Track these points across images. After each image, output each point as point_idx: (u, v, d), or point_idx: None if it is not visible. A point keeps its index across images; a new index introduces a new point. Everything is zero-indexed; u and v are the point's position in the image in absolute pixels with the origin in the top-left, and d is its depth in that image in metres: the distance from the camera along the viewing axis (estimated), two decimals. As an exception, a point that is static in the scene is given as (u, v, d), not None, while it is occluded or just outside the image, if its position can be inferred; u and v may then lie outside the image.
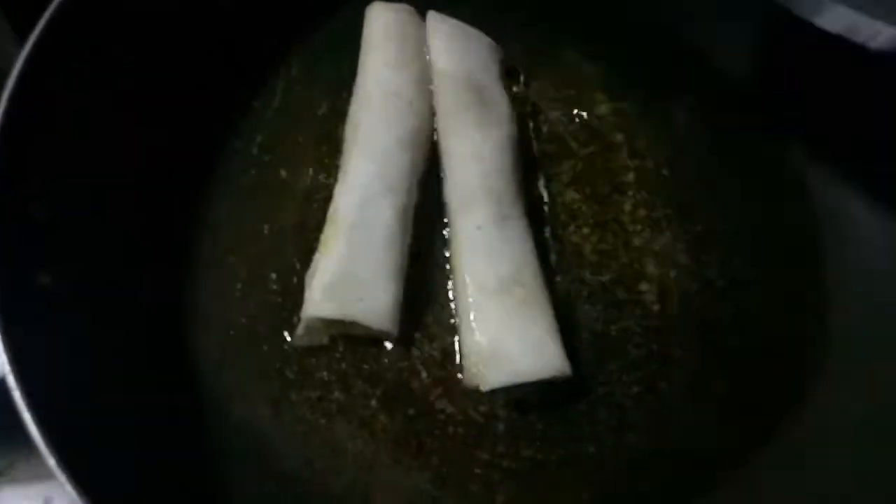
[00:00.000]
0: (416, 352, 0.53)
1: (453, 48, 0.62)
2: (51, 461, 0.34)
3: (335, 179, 0.57)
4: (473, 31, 0.64)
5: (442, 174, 0.58)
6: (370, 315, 0.50)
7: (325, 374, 0.52)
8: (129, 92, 0.53)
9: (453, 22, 0.63)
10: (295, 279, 0.54)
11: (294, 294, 0.53)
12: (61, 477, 0.34)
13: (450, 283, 0.55)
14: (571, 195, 0.61)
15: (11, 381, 0.35)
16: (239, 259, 0.55)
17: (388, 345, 0.53)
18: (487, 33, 0.64)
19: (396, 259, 0.52)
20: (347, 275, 0.50)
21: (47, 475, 0.52)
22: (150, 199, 0.54)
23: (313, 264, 0.52)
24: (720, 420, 0.54)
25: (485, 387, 0.49)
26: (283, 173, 0.58)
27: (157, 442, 0.45)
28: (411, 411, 0.51)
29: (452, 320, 0.54)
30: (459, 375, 0.52)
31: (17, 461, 0.52)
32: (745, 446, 0.53)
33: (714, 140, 0.65)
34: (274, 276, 0.54)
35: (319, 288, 0.50)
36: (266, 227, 0.56)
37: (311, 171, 0.59)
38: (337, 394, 0.51)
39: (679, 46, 0.68)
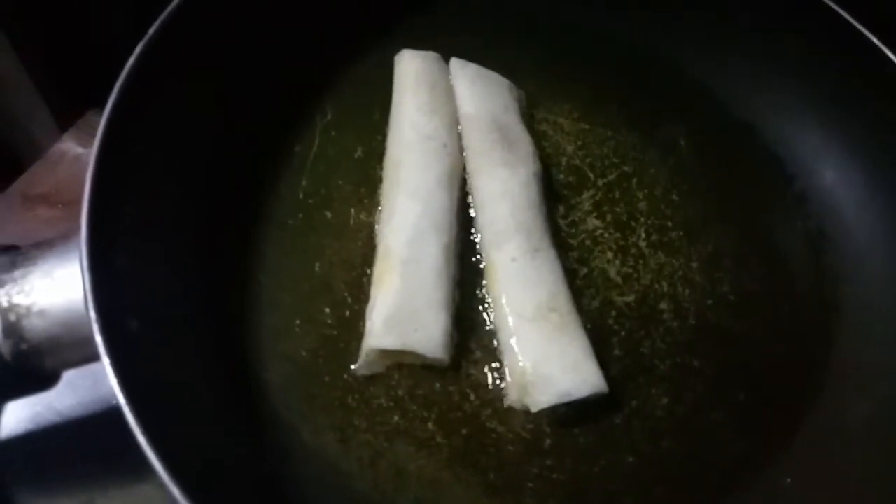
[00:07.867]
0: (463, 376, 0.57)
1: (476, 92, 0.67)
2: (175, 490, 0.37)
3: (375, 217, 0.62)
4: (493, 75, 0.69)
5: (472, 210, 0.63)
6: (425, 345, 0.54)
7: (383, 400, 0.55)
8: (190, 150, 0.58)
9: (475, 67, 0.68)
10: (347, 312, 0.58)
11: (348, 326, 0.57)
12: (182, 500, 0.37)
13: (487, 310, 0.59)
14: (593, 223, 0.66)
15: (128, 415, 0.39)
16: (294, 297, 0.58)
17: (439, 371, 0.57)
18: (504, 74, 0.69)
19: (445, 291, 0.56)
20: (404, 308, 0.54)
21: (124, 509, 0.56)
22: (209, 246, 0.57)
23: (372, 299, 0.56)
24: (742, 425, 0.59)
25: (534, 408, 0.54)
26: (328, 214, 0.63)
27: (245, 468, 0.49)
28: (465, 431, 0.55)
29: (493, 345, 0.58)
30: (505, 400, 0.56)
31: (96, 496, 0.56)
32: (767, 449, 0.58)
33: (716, 165, 0.71)
34: (328, 310, 0.58)
35: (380, 321, 0.54)
36: (317, 265, 0.60)
37: (352, 210, 0.63)
38: (396, 418, 0.55)
39: (681, 81, 0.74)
